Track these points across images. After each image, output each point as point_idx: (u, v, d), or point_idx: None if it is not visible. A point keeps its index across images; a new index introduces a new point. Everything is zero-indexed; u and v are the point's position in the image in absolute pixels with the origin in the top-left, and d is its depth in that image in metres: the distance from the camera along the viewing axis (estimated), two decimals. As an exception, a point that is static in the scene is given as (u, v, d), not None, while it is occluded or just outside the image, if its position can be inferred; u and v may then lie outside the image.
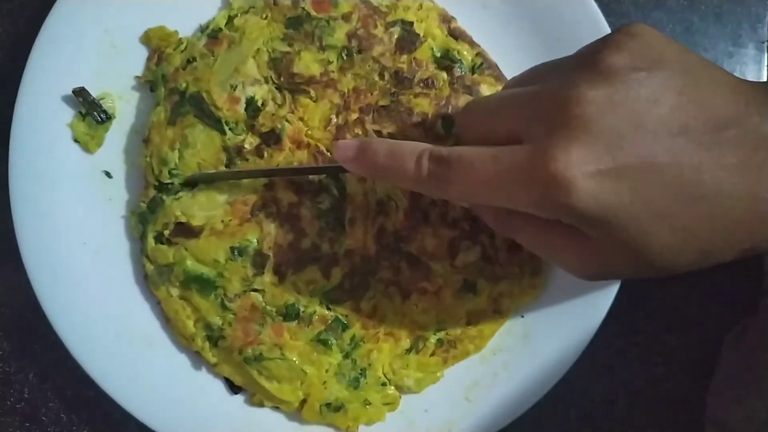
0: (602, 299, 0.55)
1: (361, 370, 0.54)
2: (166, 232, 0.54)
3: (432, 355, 0.55)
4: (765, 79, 0.61)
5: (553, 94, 0.39)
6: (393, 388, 0.55)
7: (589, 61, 0.39)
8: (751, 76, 0.61)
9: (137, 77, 0.56)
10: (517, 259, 0.55)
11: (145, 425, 0.54)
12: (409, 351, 0.55)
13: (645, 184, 0.36)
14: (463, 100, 0.54)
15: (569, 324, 0.55)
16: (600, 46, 0.39)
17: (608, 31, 0.55)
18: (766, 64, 0.61)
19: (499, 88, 0.55)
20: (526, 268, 0.55)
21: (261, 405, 0.55)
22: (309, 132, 0.54)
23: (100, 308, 0.55)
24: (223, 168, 0.54)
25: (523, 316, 0.56)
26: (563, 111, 0.37)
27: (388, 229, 0.54)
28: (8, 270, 0.56)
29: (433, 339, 0.55)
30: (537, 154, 0.37)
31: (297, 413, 0.55)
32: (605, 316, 0.55)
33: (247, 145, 0.53)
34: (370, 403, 0.54)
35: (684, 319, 0.60)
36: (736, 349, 0.56)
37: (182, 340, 0.55)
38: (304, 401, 0.54)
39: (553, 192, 0.37)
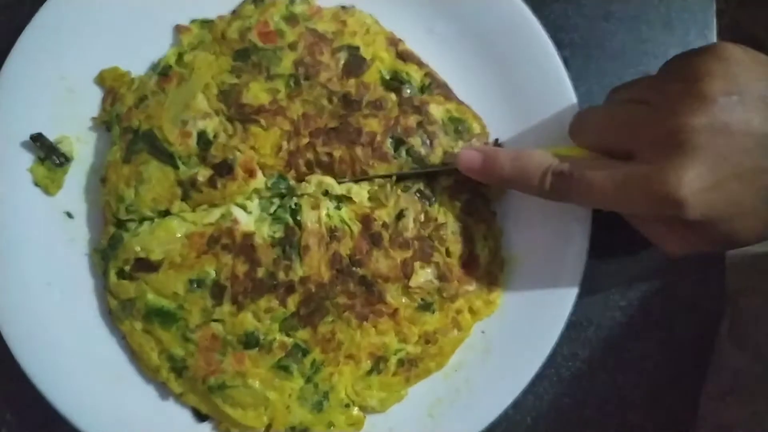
0: (560, 311, 0.55)
1: (323, 393, 0.55)
2: (127, 268, 0.55)
3: (394, 374, 0.55)
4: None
5: (663, 120, 0.46)
6: (357, 409, 0.55)
7: (690, 91, 0.45)
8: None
9: (93, 118, 0.57)
10: (472, 275, 0.56)
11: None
12: (370, 372, 0.55)
13: (736, 191, 0.45)
14: (412, 120, 0.55)
15: (529, 337, 0.56)
16: (696, 73, 0.46)
17: (551, 46, 0.56)
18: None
19: (449, 106, 0.56)
20: (483, 282, 0.56)
21: (227, 432, 0.56)
22: (261, 160, 0.55)
23: (67, 345, 0.56)
24: (178, 202, 0.55)
25: (483, 332, 0.57)
26: (674, 139, 0.45)
27: (341, 254, 0.54)
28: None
29: (393, 359, 0.55)
30: (653, 175, 0.45)
31: (263, 439, 0.55)
32: (567, 328, 0.55)
33: (200, 178, 0.54)
34: (334, 425, 0.55)
35: (650, 326, 0.60)
36: (736, 347, 0.56)
37: (148, 372, 0.56)
38: (269, 426, 0.55)
39: (667, 206, 0.45)
